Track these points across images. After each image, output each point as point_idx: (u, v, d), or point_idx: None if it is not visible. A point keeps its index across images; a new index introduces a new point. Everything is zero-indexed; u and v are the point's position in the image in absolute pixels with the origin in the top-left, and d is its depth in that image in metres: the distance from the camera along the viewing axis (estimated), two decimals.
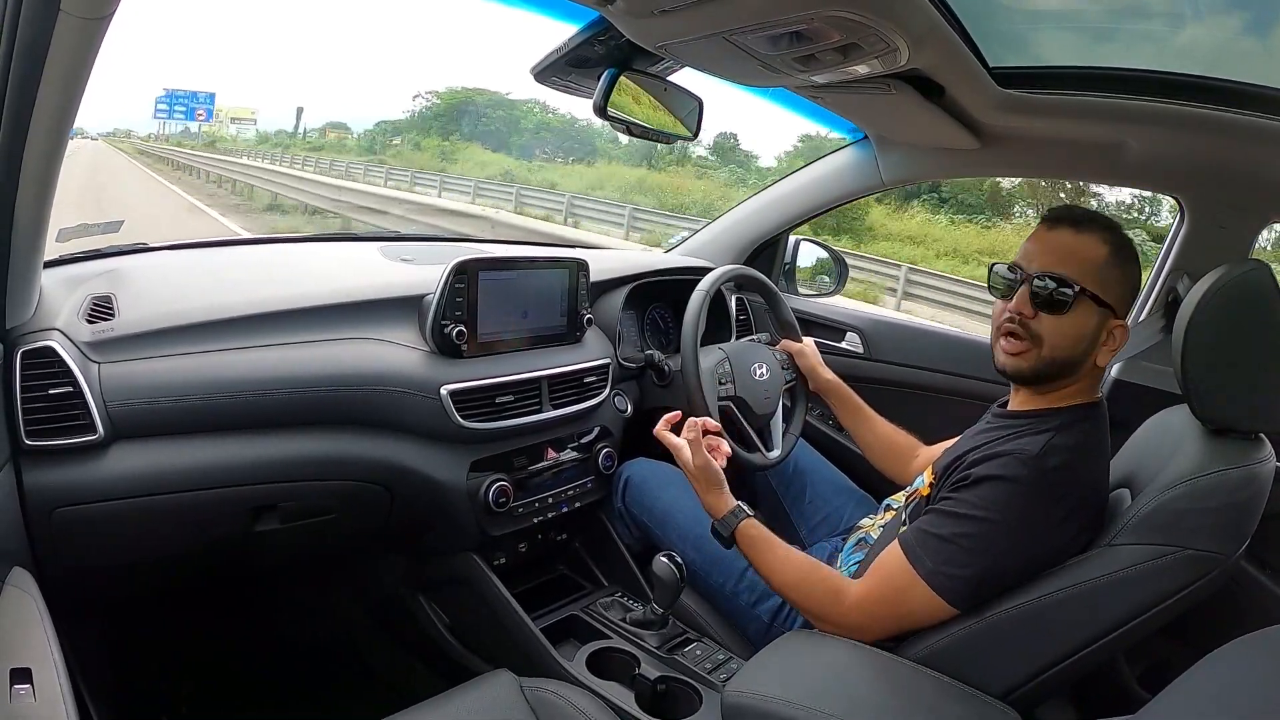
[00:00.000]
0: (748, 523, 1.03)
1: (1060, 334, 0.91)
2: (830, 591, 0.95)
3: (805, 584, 0.98)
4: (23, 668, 0.64)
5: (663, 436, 1.12)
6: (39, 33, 0.67)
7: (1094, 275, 0.89)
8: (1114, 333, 0.91)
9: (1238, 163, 1.20)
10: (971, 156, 1.42)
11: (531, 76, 1.11)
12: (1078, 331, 0.90)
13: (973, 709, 0.83)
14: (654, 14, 0.83)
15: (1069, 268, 0.90)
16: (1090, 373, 0.94)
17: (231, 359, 1.01)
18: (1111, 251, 0.90)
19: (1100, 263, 0.90)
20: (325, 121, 33.77)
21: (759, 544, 1.02)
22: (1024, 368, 0.94)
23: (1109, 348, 0.92)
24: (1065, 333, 0.90)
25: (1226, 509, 0.81)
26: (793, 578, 0.99)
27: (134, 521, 0.95)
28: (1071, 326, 0.90)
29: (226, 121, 36.87)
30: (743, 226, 1.81)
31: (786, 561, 1.00)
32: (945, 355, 1.61)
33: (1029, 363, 0.93)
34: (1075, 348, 0.91)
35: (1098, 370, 0.94)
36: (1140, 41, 1.09)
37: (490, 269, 1.20)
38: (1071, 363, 0.92)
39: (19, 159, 0.76)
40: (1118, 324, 0.91)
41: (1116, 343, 0.92)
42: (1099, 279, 0.90)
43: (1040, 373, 0.93)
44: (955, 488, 0.91)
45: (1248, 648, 0.62)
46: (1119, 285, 0.91)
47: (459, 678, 0.96)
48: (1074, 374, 0.93)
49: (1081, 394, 0.94)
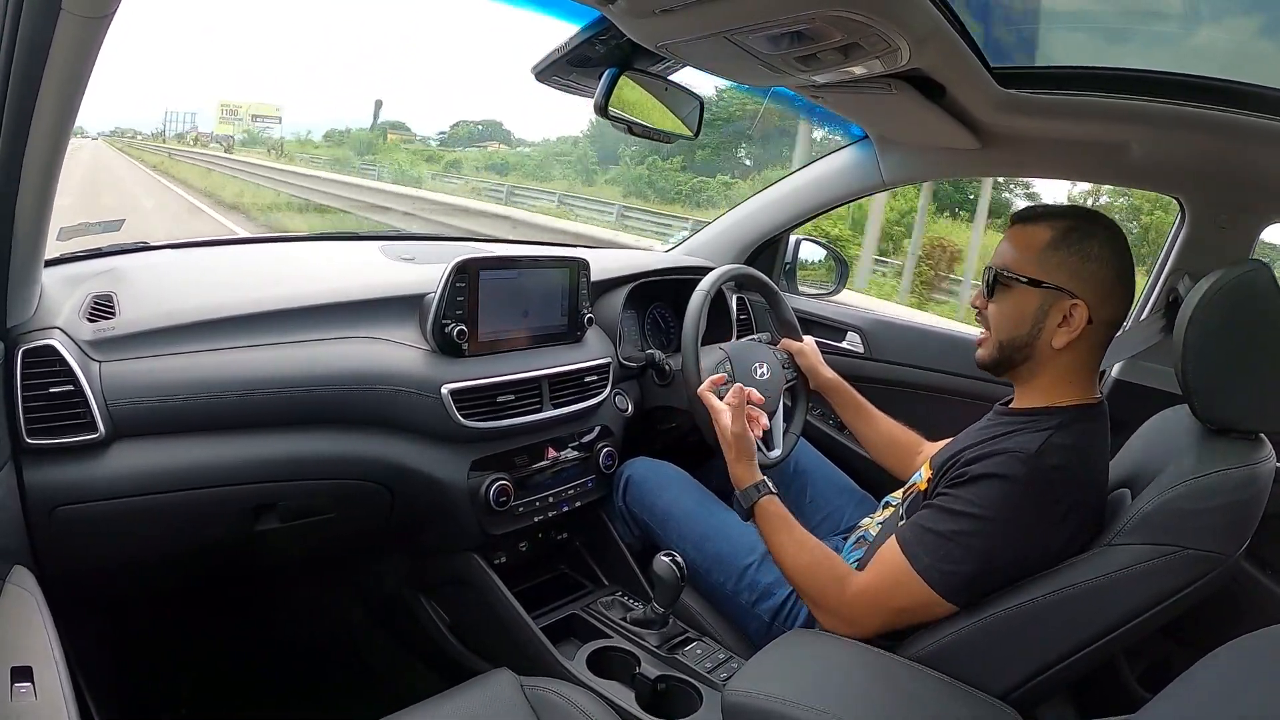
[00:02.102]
0: (770, 499, 1.06)
1: (1000, 316, 0.97)
2: (836, 578, 0.97)
3: (814, 567, 0.99)
4: (23, 666, 0.64)
5: (705, 396, 1.17)
6: (40, 31, 0.67)
7: (1031, 260, 0.93)
8: (1072, 312, 0.92)
9: (1239, 163, 1.20)
10: (972, 156, 1.42)
11: (533, 76, 1.11)
12: (1016, 312, 0.95)
13: (973, 708, 0.83)
14: (655, 13, 0.83)
15: (1009, 258, 0.96)
16: (1058, 359, 0.94)
17: (232, 358, 1.01)
18: (1055, 236, 0.93)
19: (1040, 248, 0.93)
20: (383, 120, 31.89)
21: (776, 521, 1.04)
22: (984, 356, 1.00)
23: (1066, 328, 0.92)
24: (1004, 314, 0.96)
25: (1227, 508, 0.81)
26: (804, 560, 1.00)
27: (135, 520, 0.95)
28: (1009, 308, 0.95)
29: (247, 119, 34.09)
30: (743, 226, 1.81)
31: (801, 544, 1.02)
32: (946, 355, 1.61)
33: (988, 350, 0.99)
34: (1018, 328, 0.95)
35: (1062, 357, 0.93)
36: (1144, 41, 1.09)
37: (491, 268, 1.20)
38: (1018, 344, 0.95)
39: (20, 158, 0.76)
40: (1073, 303, 0.91)
41: (1075, 322, 0.92)
42: (1036, 262, 0.93)
43: (998, 359, 0.98)
44: (953, 484, 0.92)
45: (1248, 647, 0.62)
46: (1065, 264, 0.92)
47: (459, 677, 0.96)
48: (1031, 357, 0.95)
49: (1079, 392, 0.94)
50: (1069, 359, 0.94)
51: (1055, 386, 0.95)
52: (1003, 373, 1.00)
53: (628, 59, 1.07)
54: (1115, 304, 0.93)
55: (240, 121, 34.63)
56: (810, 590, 0.99)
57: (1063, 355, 0.93)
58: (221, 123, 35.76)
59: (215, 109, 37.00)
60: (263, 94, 66.90)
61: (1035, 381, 0.97)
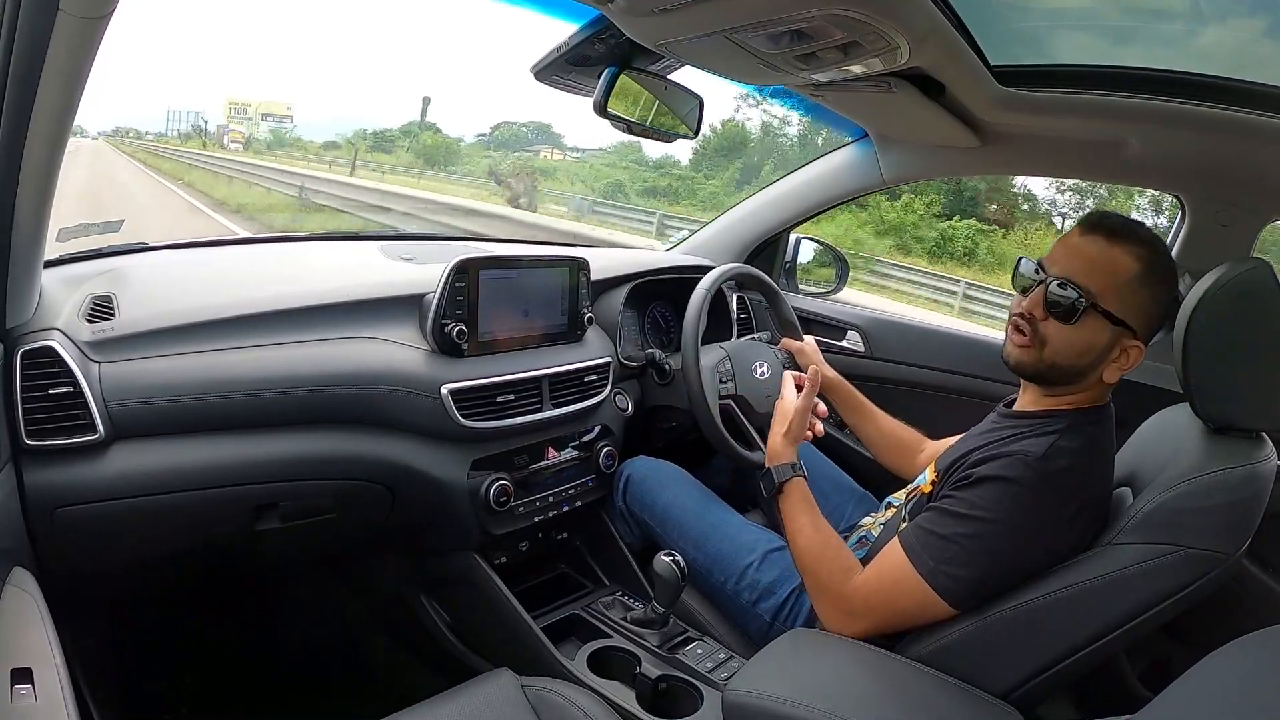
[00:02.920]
0: (798, 481, 1.08)
1: (1065, 343, 0.89)
2: (843, 569, 0.97)
3: (825, 553, 1.00)
4: (24, 668, 0.64)
5: (789, 378, 1.22)
6: (38, 32, 0.67)
7: (1115, 291, 0.87)
8: (1128, 352, 0.89)
9: (1239, 161, 1.20)
10: (972, 155, 1.42)
11: (532, 75, 1.11)
12: (1084, 344, 0.89)
13: (973, 708, 0.83)
14: (654, 12, 0.83)
15: (1090, 279, 0.87)
16: (1097, 384, 0.92)
17: (232, 358, 1.01)
18: (1143, 270, 0.87)
19: (1126, 279, 0.87)
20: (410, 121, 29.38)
21: (800, 503, 1.06)
22: (1026, 362, 0.93)
23: (1119, 365, 0.90)
24: (1071, 343, 0.89)
25: (1228, 507, 0.81)
26: (816, 544, 1.01)
27: (135, 521, 0.95)
28: (1078, 338, 0.89)
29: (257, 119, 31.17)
30: (743, 225, 1.81)
31: (817, 529, 1.03)
32: (946, 353, 1.61)
33: (1030, 360, 0.93)
34: (1079, 359, 0.90)
35: (1104, 384, 0.92)
36: (1145, 40, 1.09)
37: (491, 268, 1.20)
38: (1074, 372, 0.91)
39: (19, 159, 0.76)
40: (1133, 344, 0.89)
41: (1130, 362, 0.89)
42: (1119, 296, 0.87)
43: (1041, 373, 0.93)
44: (957, 486, 0.91)
45: (1249, 647, 0.62)
46: (1143, 306, 0.87)
47: (459, 677, 0.96)
48: (1077, 383, 0.92)
49: (1089, 398, 0.94)
50: (1103, 384, 0.93)
51: (1077, 398, 0.94)
52: (1034, 382, 0.96)
53: (627, 58, 1.07)
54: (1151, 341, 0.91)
55: (250, 120, 32.05)
56: (816, 573, 0.99)
57: (1103, 384, 0.92)
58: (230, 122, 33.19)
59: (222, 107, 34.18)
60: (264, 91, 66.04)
61: (1061, 396, 0.94)
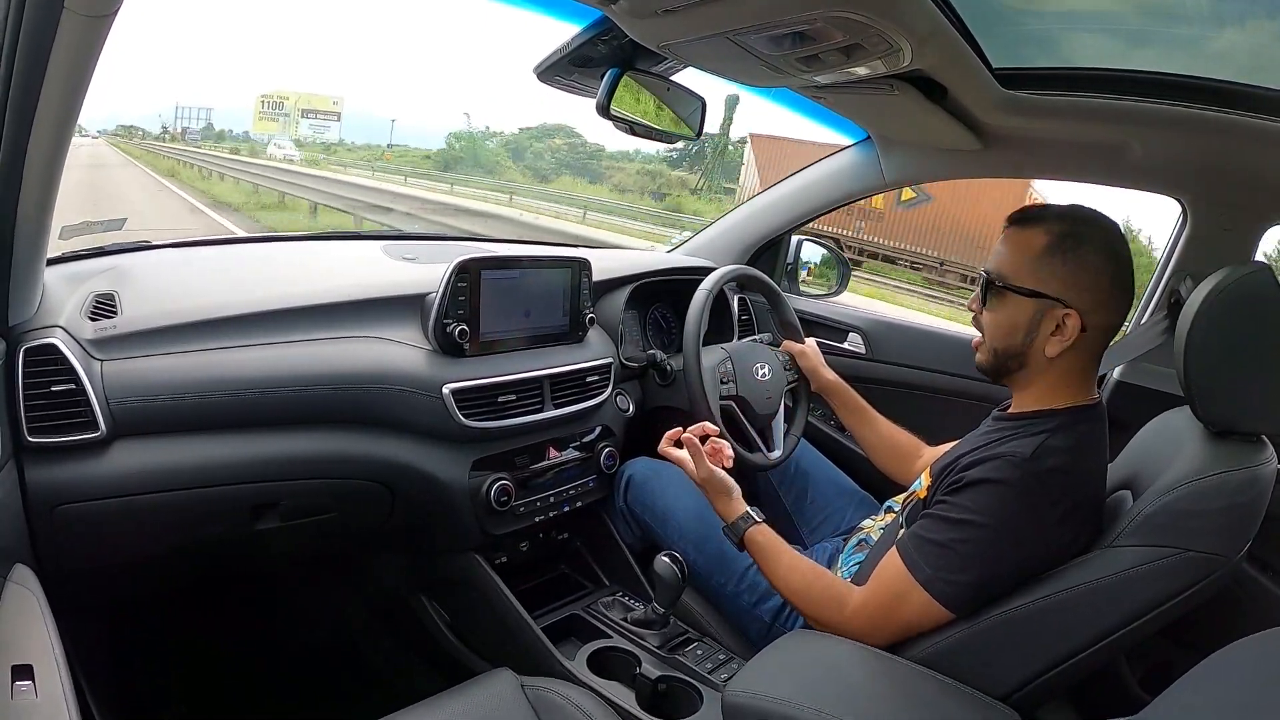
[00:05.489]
0: (756, 529, 1.05)
1: (994, 325, 0.96)
2: (833, 599, 0.96)
3: (809, 591, 0.99)
4: (24, 665, 0.64)
5: (668, 453, 1.14)
6: (42, 30, 0.67)
7: (1026, 267, 0.92)
8: (1064, 321, 0.90)
9: (1241, 164, 1.20)
10: (974, 157, 1.42)
11: (535, 76, 1.12)
12: (1008, 322, 0.93)
13: (973, 710, 0.83)
14: (657, 14, 0.83)
15: (1003, 263, 0.94)
16: (1052, 366, 0.93)
17: (233, 357, 1.01)
18: (1051, 242, 0.90)
19: (1035, 254, 0.91)
20: None
21: (766, 551, 1.03)
22: (983, 361, 0.99)
23: (1059, 338, 0.91)
24: (997, 324, 0.95)
25: (1228, 510, 0.81)
26: (798, 584, 0.99)
27: (136, 519, 0.95)
28: (1001, 318, 0.94)
29: (295, 116, 25.57)
30: (745, 226, 1.81)
31: (791, 569, 1.01)
32: (947, 356, 1.61)
33: (983, 355, 0.98)
34: (1010, 338, 0.94)
35: (1056, 364, 0.92)
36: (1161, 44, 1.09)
37: (493, 268, 1.20)
38: (1012, 353, 0.94)
39: (22, 157, 0.76)
40: (1066, 312, 0.90)
41: (1068, 332, 0.90)
42: (1029, 270, 0.91)
43: (995, 365, 0.97)
44: (950, 491, 0.91)
45: (1249, 650, 0.62)
46: (1059, 274, 0.90)
47: (459, 677, 0.96)
48: (1026, 365, 0.94)
49: (1075, 394, 0.94)
50: (1063, 365, 0.93)
51: (1051, 391, 0.94)
52: (999, 378, 0.99)
53: (630, 59, 1.07)
54: (1111, 310, 0.91)
55: (288, 117, 25.67)
56: (810, 611, 0.99)
57: (1057, 362, 0.92)
58: (262, 119, 26.62)
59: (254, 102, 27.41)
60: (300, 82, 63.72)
61: (1031, 387, 0.96)
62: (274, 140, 22.57)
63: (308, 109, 25.24)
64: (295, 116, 25.37)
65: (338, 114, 25.38)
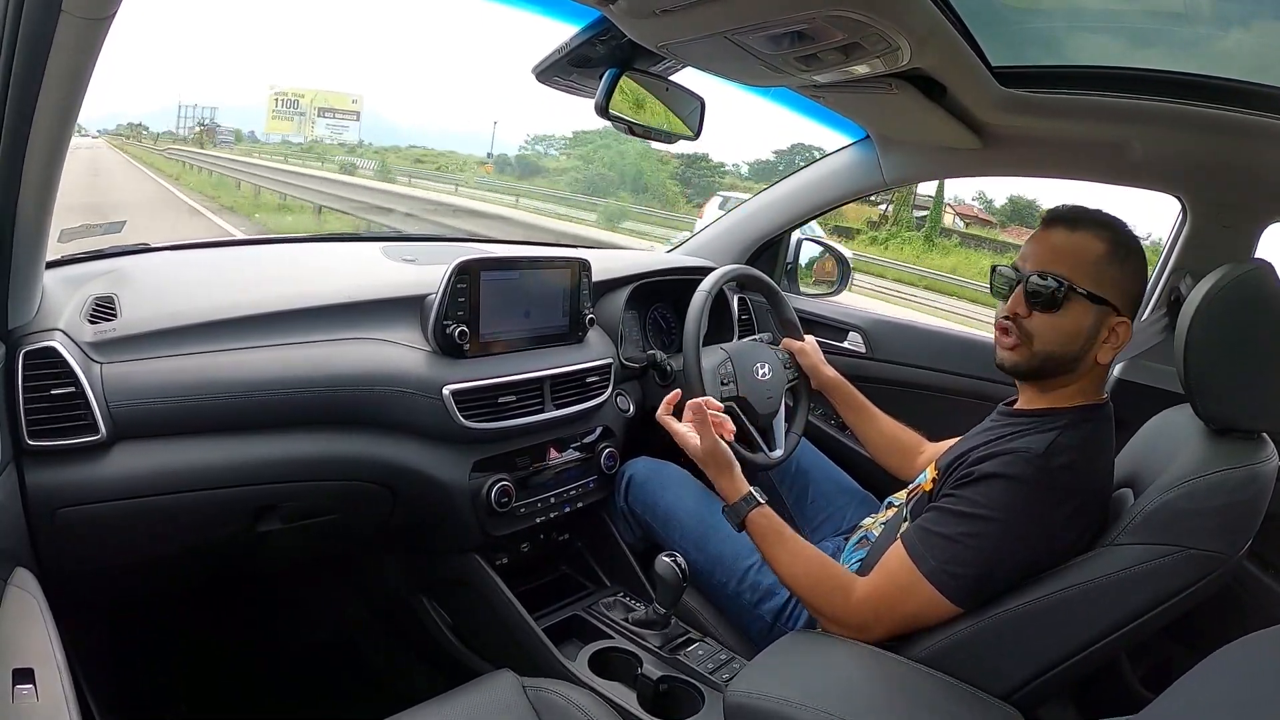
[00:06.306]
0: (759, 511, 1.02)
1: (1053, 331, 0.92)
2: (837, 588, 0.95)
3: (812, 578, 0.97)
4: (25, 668, 0.64)
5: (665, 421, 1.12)
6: (40, 32, 0.67)
7: (1088, 272, 0.90)
8: (1116, 330, 0.91)
9: (1240, 162, 1.20)
10: (973, 156, 1.42)
11: (534, 76, 1.11)
12: (1073, 328, 0.91)
13: (975, 709, 0.83)
14: (655, 14, 0.83)
15: (1062, 266, 0.91)
16: (1093, 371, 0.93)
17: (233, 359, 1.01)
18: (1109, 248, 0.90)
19: (1095, 259, 0.90)
20: None
21: (769, 535, 1.01)
22: (1019, 362, 0.95)
23: (1111, 345, 0.92)
24: (1059, 329, 0.91)
25: (1229, 508, 0.81)
26: (800, 571, 0.98)
27: (136, 522, 0.95)
28: (1065, 324, 0.91)
29: (311, 114, 23.37)
30: (745, 226, 1.81)
31: (795, 555, 0.99)
32: (947, 354, 1.61)
33: (1023, 358, 0.95)
34: (1071, 344, 0.92)
35: (1101, 368, 0.94)
36: (1146, 42, 1.09)
37: (492, 269, 1.20)
38: (1068, 359, 0.92)
39: (21, 159, 0.76)
40: (1119, 321, 0.91)
41: (1119, 340, 0.91)
42: (1094, 276, 0.90)
43: (1035, 369, 0.95)
44: (959, 485, 0.91)
45: (1250, 648, 0.62)
46: (1119, 282, 0.91)
47: (461, 678, 0.96)
48: (1074, 370, 0.93)
49: (1087, 394, 0.94)
50: (1101, 371, 0.94)
51: (1078, 393, 0.94)
52: (1031, 380, 0.97)
53: (628, 59, 1.07)
54: (1135, 317, 0.93)
55: (303, 116, 23.22)
56: (812, 600, 0.98)
57: (1097, 368, 0.93)
58: (276, 118, 24.03)
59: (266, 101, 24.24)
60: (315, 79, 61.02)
61: (1064, 389, 0.95)
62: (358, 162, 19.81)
63: (325, 108, 23.12)
64: (311, 115, 23.38)
65: (356, 113, 23.52)
